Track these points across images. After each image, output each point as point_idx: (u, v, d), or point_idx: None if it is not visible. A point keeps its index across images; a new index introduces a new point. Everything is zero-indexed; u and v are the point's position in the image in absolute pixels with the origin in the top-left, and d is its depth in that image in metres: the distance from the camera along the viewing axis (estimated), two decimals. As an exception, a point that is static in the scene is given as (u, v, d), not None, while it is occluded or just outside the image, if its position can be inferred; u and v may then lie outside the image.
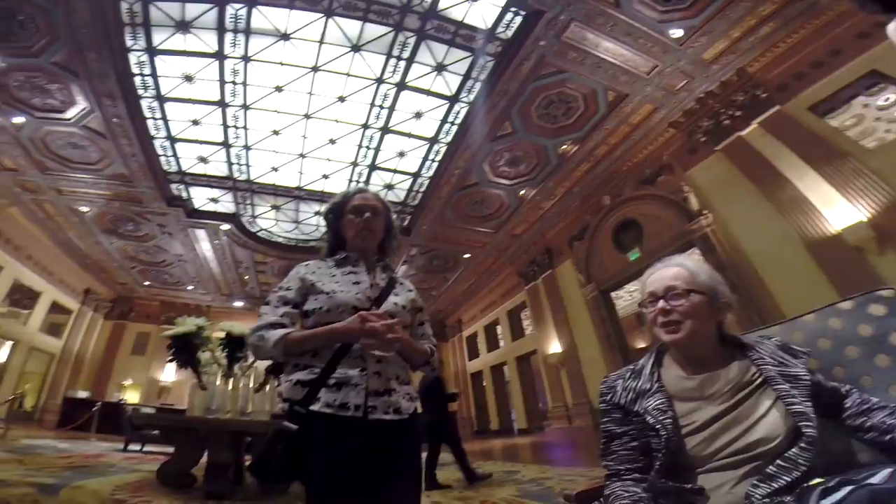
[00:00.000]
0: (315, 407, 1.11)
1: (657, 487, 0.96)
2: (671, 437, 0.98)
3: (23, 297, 13.32)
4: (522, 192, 10.49)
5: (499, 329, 16.17)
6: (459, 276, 14.94)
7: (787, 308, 6.41)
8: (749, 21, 6.40)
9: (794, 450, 0.92)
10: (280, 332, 1.18)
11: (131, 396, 15.33)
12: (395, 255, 1.50)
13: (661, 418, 1.00)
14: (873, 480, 0.82)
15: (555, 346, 11.58)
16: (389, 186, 10.63)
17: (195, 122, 8.63)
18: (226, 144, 9.20)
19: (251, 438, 3.85)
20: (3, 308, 12.34)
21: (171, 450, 3.93)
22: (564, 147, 9.08)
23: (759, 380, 1.03)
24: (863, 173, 5.92)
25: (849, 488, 0.79)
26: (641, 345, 15.55)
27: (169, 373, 15.57)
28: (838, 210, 6.03)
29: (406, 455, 1.22)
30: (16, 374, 12.75)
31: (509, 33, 6.81)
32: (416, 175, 10.23)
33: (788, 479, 0.87)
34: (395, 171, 10.20)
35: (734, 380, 1.03)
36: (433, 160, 9.69)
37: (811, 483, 0.85)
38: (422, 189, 10.64)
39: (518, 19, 6.59)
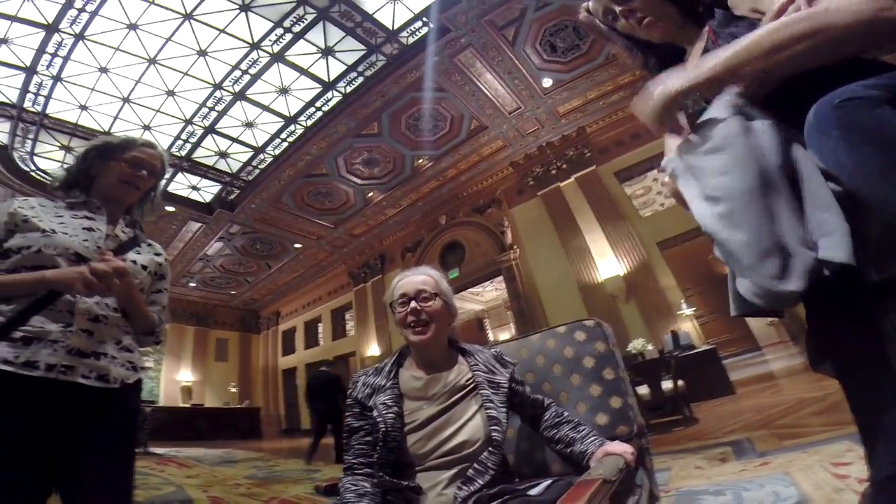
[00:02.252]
0: None
1: (383, 483, 0.97)
2: (390, 432, 1.00)
3: None
4: (371, 194, 10.62)
5: (320, 327, 15.68)
6: (285, 265, 14.06)
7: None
8: (607, 86, 7.71)
9: (484, 453, 0.99)
10: None
11: None
12: (142, 220, 1.35)
13: (385, 412, 1.03)
14: (532, 492, 0.89)
15: (373, 350, 11.87)
16: (223, 154, 9.47)
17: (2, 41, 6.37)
18: (31, 70, 6.98)
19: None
20: None
21: None
22: (421, 161, 9.59)
23: (472, 385, 1.10)
24: (631, 236, 7.76)
25: (507, 496, 0.88)
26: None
27: None
28: (607, 263, 7.83)
29: (110, 431, 1.03)
30: None
31: (411, 40, 6.94)
32: (259, 150, 9.36)
33: (482, 483, 0.93)
34: (235, 140, 9.15)
35: (451, 382, 1.10)
36: (284, 139, 9.06)
37: (489, 492, 0.91)
38: (261, 165, 9.80)
39: (424, 30, 6.78)
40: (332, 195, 10.62)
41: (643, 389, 4.49)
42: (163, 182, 1.38)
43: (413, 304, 1.12)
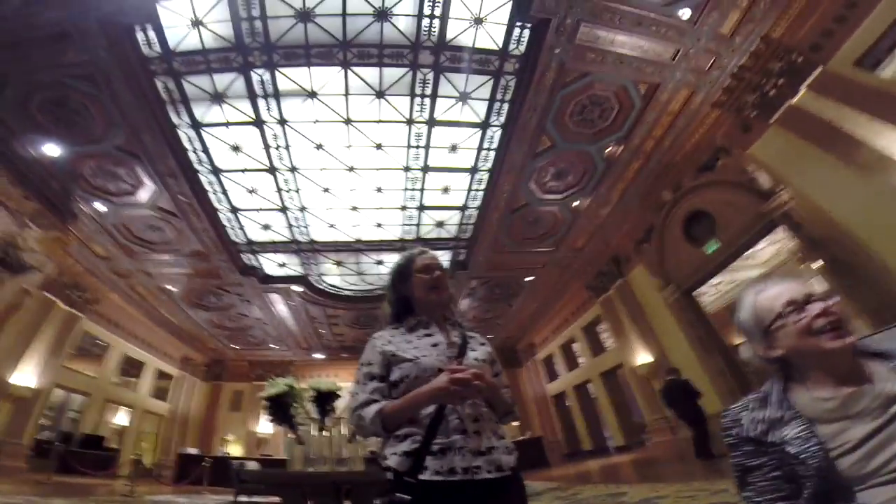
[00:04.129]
0: (425, 476, 1.13)
1: None
2: (820, 464, 0.92)
3: (131, 368, 15.40)
4: (576, 203, 10.23)
5: (576, 347, 15.56)
6: (524, 299, 14.62)
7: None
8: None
9: None
10: (374, 407, 1.23)
11: (234, 450, 16.66)
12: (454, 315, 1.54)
13: (805, 447, 0.95)
14: None
15: (642, 357, 10.91)
16: (440, 224, 10.82)
17: (251, 191, 9.23)
18: (283, 209, 9.81)
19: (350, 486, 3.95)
20: (117, 379, 14.36)
21: (277, 499, 4.14)
22: (609, 149, 8.79)
23: None
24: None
25: None
26: (739, 340, 14.21)
27: (264, 426, 16.62)
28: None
29: None
30: (133, 435, 14.80)
31: (522, 48, 6.78)
32: (463, 208, 10.31)
33: None
34: (442, 208, 10.36)
35: (884, 394, 0.94)
36: (477, 189, 9.72)
37: None
38: (471, 221, 10.67)
39: (526, 32, 6.57)
40: (540, 220, 10.68)
41: None
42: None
43: (819, 304, 0.99)
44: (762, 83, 6.96)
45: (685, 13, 6.30)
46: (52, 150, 7.56)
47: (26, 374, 9.59)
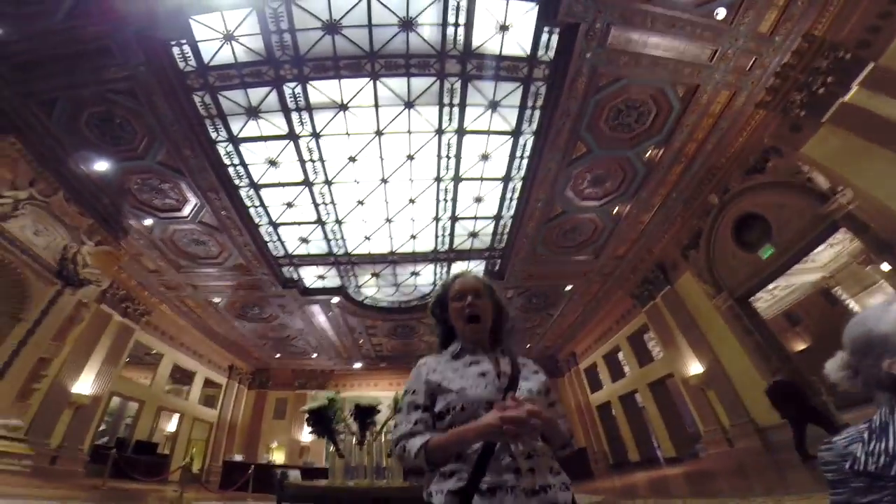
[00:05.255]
0: None
1: None
2: None
3: (182, 376, 16.23)
4: (616, 209, 9.89)
5: (621, 356, 15.07)
6: (564, 309, 14.27)
7: None
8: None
9: None
10: (418, 441, 1.16)
11: (277, 457, 17.13)
12: (510, 338, 1.46)
13: None
14: None
15: (694, 367, 10.47)
16: (474, 235, 10.74)
17: (289, 205, 9.46)
18: (320, 222, 10.02)
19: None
20: (169, 386, 15.18)
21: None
22: (649, 153, 8.46)
23: None
24: None
25: None
26: (801, 346, 13.30)
27: (307, 434, 16.89)
28: None
29: None
30: (184, 442, 15.40)
31: (551, 54, 6.63)
32: (497, 217, 10.19)
33: None
34: (476, 218, 10.27)
35: None
36: (511, 198, 9.57)
37: None
38: (506, 230, 10.53)
39: (555, 38, 6.41)
40: (578, 228, 10.40)
41: None
42: (502, 296, 1.49)
43: None
44: (809, 81, 6.66)
45: (720, 13, 6.04)
46: (101, 165, 7.94)
47: (86, 383, 10.21)
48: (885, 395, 0.96)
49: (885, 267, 6.58)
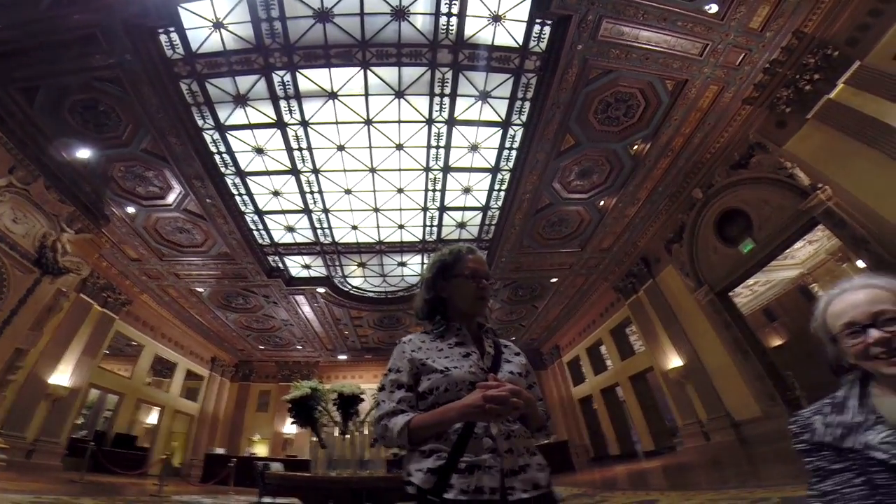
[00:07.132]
0: (449, 495, 1.06)
1: None
2: None
3: (163, 368, 15.97)
4: (602, 202, 9.97)
5: (603, 349, 15.24)
6: (549, 301, 14.40)
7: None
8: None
9: None
10: (401, 420, 1.16)
11: (260, 450, 17.00)
12: (487, 323, 1.44)
13: (894, 452, 0.89)
14: None
15: (674, 361, 10.60)
16: (462, 225, 10.72)
17: (276, 194, 9.35)
18: (306, 210, 9.90)
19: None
20: (149, 378, 14.80)
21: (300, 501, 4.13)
22: (636, 147, 8.54)
23: None
24: None
25: None
26: (778, 342, 13.63)
27: (290, 427, 16.81)
28: None
29: None
30: (165, 435, 15.09)
31: (543, 45, 6.62)
32: (485, 208, 10.19)
33: None
34: (464, 209, 10.26)
35: None
36: (499, 189, 9.58)
37: None
38: (493, 221, 10.54)
39: (547, 29, 6.40)
40: (565, 220, 10.47)
41: None
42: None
43: (874, 332, 0.96)
44: (796, 78, 6.73)
45: (712, 7, 6.08)
46: (83, 153, 7.79)
47: (64, 375, 9.95)
48: (851, 375, 1.03)
49: (861, 264, 6.73)
